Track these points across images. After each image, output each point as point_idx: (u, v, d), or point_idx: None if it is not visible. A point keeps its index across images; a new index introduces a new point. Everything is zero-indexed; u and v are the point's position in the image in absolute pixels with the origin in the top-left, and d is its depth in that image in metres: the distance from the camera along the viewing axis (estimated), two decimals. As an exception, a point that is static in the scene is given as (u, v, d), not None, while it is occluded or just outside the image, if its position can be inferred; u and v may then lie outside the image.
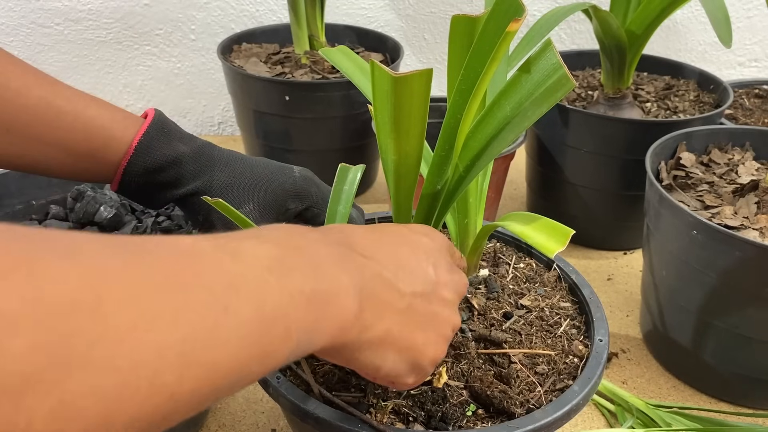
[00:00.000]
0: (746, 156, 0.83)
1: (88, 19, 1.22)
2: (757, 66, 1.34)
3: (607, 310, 0.86)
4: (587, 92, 1.01)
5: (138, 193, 0.53)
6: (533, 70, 0.41)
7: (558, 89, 0.39)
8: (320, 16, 1.06)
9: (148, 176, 0.51)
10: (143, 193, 0.53)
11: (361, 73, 0.57)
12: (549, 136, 0.96)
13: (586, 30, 1.28)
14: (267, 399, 0.70)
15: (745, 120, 1.04)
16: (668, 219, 0.69)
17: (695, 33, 1.29)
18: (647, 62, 1.06)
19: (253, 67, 1.04)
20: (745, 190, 0.74)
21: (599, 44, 0.92)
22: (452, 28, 0.43)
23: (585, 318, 0.55)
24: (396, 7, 1.28)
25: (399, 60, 1.06)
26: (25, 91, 0.48)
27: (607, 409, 0.71)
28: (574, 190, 0.96)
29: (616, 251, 0.99)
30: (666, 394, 0.74)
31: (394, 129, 0.41)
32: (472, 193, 0.52)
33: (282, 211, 0.55)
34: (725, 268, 0.64)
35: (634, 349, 0.80)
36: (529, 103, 0.41)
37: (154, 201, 0.54)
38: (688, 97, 1.00)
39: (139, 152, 0.51)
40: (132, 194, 0.53)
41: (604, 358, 0.50)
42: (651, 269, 0.76)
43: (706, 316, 0.69)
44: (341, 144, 1.05)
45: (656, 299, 0.76)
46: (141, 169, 0.51)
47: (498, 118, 0.43)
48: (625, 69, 0.92)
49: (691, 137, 0.83)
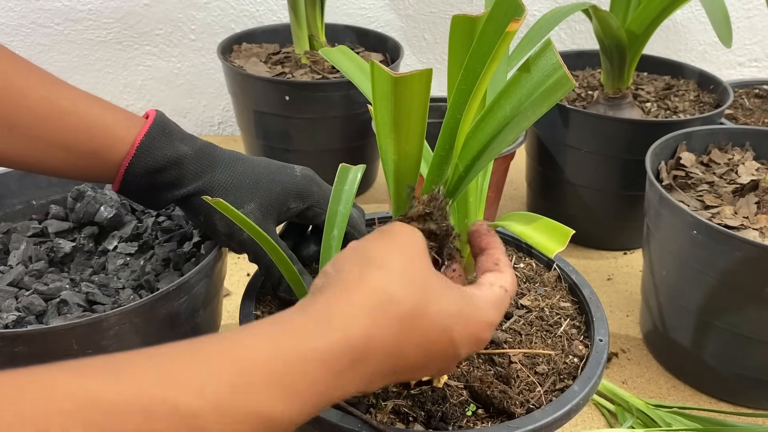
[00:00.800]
0: (746, 156, 0.82)
1: (88, 19, 1.22)
2: (757, 66, 1.33)
3: (607, 310, 0.86)
4: (587, 92, 1.01)
5: (139, 194, 0.53)
6: (533, 70, 0.41)
7: (558, 89, 0.39)
8: (320, 16, 1.06)
9: (149, 177, 0.51)
10: (144, 194, 0.53)
11: (361, 73, 0.57)
12: (549, 136, 0.95)
13: (586, 30, 1.28)
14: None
15: (745, 120, 1.04)
16: (668, 219, 0.69)
17: (695, 33, 1.29)
18: (647, 62, 1.06)
19: (253, 67, 1.04)
20: (745, 190, 0.74)
21: (599, 44, 0.92)
22: (452, 28, 0.42)
23: (585, 318, 0.55)
24: (396, 7, 1.28)
25: (399, 60, 1.06)
26: (28, 91, 0.48)
27: (607, 409, 0.71)
28: (574, 190, 0.96)
29: (616, 251, 0.99)
30: (666, 394, 0.74)
31: (394, 129, 0.41)
32: (472, 193, 0.52)
33: (283, 211, 0.55)
34: (725, 268, 0.64)
35: (634, 349, 0.80)
36: (528, 103, 0.41)
37: (155, 201, 0.54)
38: (688, 97, 1.00)
39: (141, 153, 0.51)
40: (133, 195, 0.53)
41: (604, 358, 0.50)
42: (651, 269, 0.76)
43: (706, 316, 0.69)
44: (341, 144, 1.05)
45: (656, 299, 0.76)
46: (142, 169, 0.51)
47: (498, 118, 0.43)
48: (625, 69, 0.92)
49: (691, 137, 0.83)
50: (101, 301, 0.56)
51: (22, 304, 0.54)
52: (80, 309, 0.55)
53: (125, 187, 0.52)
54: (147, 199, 0.54)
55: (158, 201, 0.54)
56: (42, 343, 0.48)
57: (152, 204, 0.55)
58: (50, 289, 0.56)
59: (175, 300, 0.53)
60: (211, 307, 0.60)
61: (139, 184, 0.52)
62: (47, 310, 0.55)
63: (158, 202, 0.54)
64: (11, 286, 0.57)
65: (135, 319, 0.50)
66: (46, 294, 0.56)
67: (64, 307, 0.55)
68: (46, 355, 0.49)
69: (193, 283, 0.54)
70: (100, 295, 0.56)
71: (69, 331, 0.48)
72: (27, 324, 0.53)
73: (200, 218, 0.54)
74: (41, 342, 0.48)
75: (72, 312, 0.55)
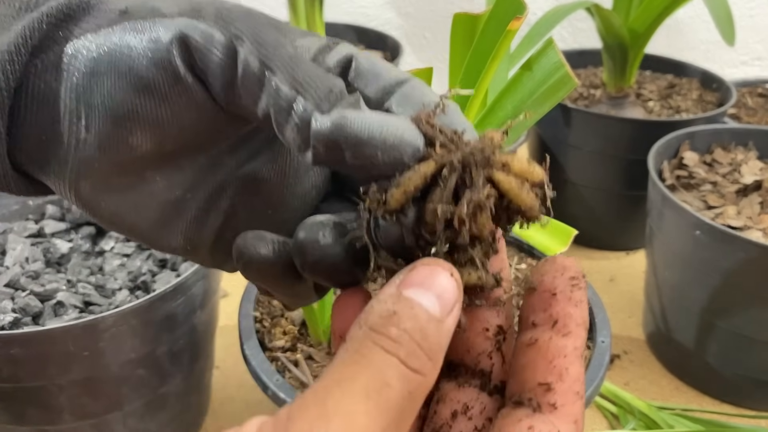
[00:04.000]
0: (749, 155, 0.82)
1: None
2: (760, 65, 1.33)
3: (610, 311, 0.85)
4: (589, 91, 1.00)
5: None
6: (535, 69, 0.40)
7: (560, 88, 0.39)
8: (319, 14, 1.06)
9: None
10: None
11: (361, 72, 0.57)
12: (551, 136, 0.95)
13: (588, 28, 1.28)
14: (266, 401, 0.69)
15: (749, 119, 1.03)
16: (671, 219, 0.69)
17: (698, 31, 1.29)
18: (650, 61, 1.05)
19: (253, 66, 1.04)
20: (748, 190, 0.74)
21: (602, 42, 0.91)
22: (453, 27, 0.42)
23: (587, 319, 0.55)
24: (396, 5, 1.27)
25: (399, 58, 1.06)
26: None
27: (609, 411, 0.71)
28: (575, 189, 0.95)
29: (619, 251, 0.98)
30: (669, 396, 0.74)
31: (394, 128, 0.40)
32: (472, 194, 0.51)
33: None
34: (728, 268, 0.64)
35: (637, 350, 0.80)
36: (530, 102, 0.40)
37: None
38: (691, 96, 0.99)
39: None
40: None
41: (606, 360, 0.49)
42: (654, 270, 0.76)
43: (709, 317, 0.69)
44: (341, 143, 1.04)
45: (659, 300, 0.75)
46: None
47: (499, 117, 0.42)
48: (628, 67, 0.92)
49: (694, 137, 0.82)
50: (98, 302, 0.55)
51: (19, 306, 0.54)
52: (77, 310, 0.55)
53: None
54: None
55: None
56: (38, 344, 0.48)
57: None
58: (47, 290, 0.55)
59: (172, 301, 0.52)
60: (209, 308, 0.59)
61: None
62: (44, 311, 0.54)
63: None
64: (7, 287, 0.56)
65: (132, 320, 0.50)
66: (42, 295, 0.55)
67: (61, 309, 0.55)
68: (43, 357, 0.48)
69: (190, 284, 0.54)
70: (97, 297, 0.56)
71: (65, 332, 0.47)
72: (23, 325, 0.53)
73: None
74: (37, 344, 0.47)
75: (68, 313, 0.54)
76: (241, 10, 0.24)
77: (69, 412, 0.52)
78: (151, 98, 0.23)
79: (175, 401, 0.59)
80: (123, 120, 0.23)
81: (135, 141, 0.24)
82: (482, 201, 0.21)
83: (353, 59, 0.24)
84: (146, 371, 0.54)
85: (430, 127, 0.22)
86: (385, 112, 0.23)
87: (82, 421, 0.53)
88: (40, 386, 0.50)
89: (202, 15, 0.23)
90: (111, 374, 0.52)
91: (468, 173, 0.21)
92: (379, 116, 0.21)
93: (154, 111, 0.23)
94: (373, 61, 0.24)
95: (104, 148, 0.24)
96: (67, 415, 0.52)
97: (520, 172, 0.22)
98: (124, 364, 0.52)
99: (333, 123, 0.21)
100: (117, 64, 0.23)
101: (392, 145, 0.21)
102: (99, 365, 0.50)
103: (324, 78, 0.22)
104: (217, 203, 0.27)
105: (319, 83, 0.22)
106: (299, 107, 0.22)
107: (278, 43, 0.23)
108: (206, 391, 0.66)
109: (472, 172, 0.21)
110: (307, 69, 0.22)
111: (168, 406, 0.58)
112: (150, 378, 0.54)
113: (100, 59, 0.23)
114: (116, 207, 0.25)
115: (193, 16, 0.23)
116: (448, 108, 0.23)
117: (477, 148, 0.21)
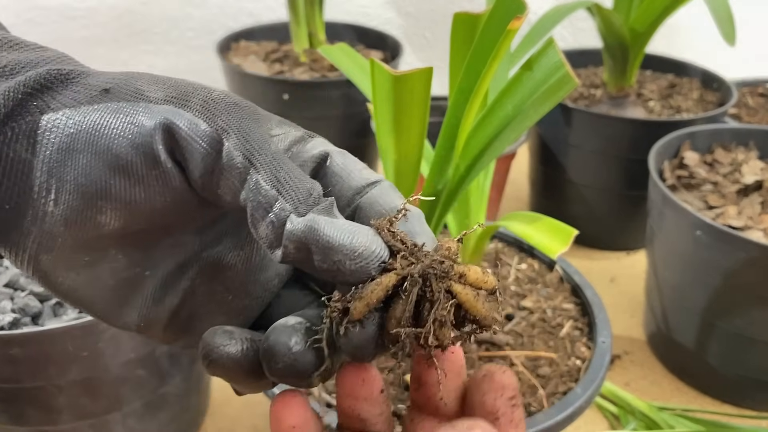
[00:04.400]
0: (750, 155, 0.82)
1: (84, 17, 1.21)
2: (761, 65, 1.33)
3: (610, 311, 0.85)
4: (590, 91, 1.00)
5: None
6: (535, 69, 0.40)
7: (560, 88, 0.39)
8: (319, 13, 1.06)
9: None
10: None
11: (361, 72, 0.57)
12: (551, 135, 0.95)
13: (588, 28, 1.28)
14: (266, 401, 0.69)
15: (749, 119, 1.03)
16: (672, 219, 0.69)
17: (699, 31, 1.28)
18: (650, 60, 1.05)
19: (252, 66, 1.04)
20: (749, 190, 0.74)
21: (602, 42, 0.91)
22: (453, 26, 0.42)
23: (588, 320, 0.55)
24: (396, 5, 1.27)
25: (399, 58, 1.05)
26: None
27: (610, 412, 0.70)
28: (576, 189, 0.95)
29: (619, 251, 0.98)
30: (669, 396, 0.74)
31: (394, 128, 0.40)
32: (473, 193, 0.51)
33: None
34: (729, 268, 0.64)
35: (638, 350, 0.80)
36: (531, 102, 0.40)
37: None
38: (692, 96, 0.99)
39: None
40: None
41: (607, 360, 0.49)
42: (654, 270, 0.75)
43: (710, 317, 0.68)
44: (340, 143, 1.02)
45: (660, 300, 0.75)
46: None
47: (499, 117, 0.42)
48: (628, 67, 0.92)
49: (694, 136, 0.82)
50: (97, 303, 0.55)
51: (18, 306, 0.54)
52: (76, 310, 0.54)
53: None
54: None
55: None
56: (37, 345, 0.47)
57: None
58: (46, 291, 0.55)
59: (171, 301, 0.52)
60: (209, 309, 0.59)
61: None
62: (43, 311, 0.54)
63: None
64: (7, 287, 0.56)
65: (131, 321, 0.50)
66: (41, 295, 0.55)
67: (60, 309, 0.54)
68: (42, 358, 0.48)
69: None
70: (96, 297, 0.56)
71: (65, 333, 0.47)
72: (23, 325, 0.53)
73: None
74: (37, 344, 0.47)
75: (68, 313, 0.54)
76: (229, 101, 0.24)
77: (68, 412, 0.52)
78: (127, 179, 0.23)
79: (174, 402, 0.58)
80: (94, 198, 0.23)
81: (104, 219, 0.24)
82: (445, 317, 0.22)
83: (328, 157, 0.25)
84: (146, 372, 0.54)
85: (391, 235, 0.23)
86: (355, 223, 0.23)
87: (81, 421, 0.53)
88: (40, 386, 0.50)
89: (189, 103, 0.23)
90: (110, 375, 0.51)
91: (429, 286, 0.22)
92: (350, 226, 0.22)
93: (128, 192, 0.23)
94: (346, 160, 0.26)
95: (71, 224, 0.23)
96: (66, 415, 0.52)
97: (476, 282, 0.23)
98: (123, 365, 0.52)
99: (306, 226, 0.22)
100: (95, 143, 0.23)
101: (360, 254, 0.22)
102: (98, 365, 0.50)
103: (304, 180, 0.23)
104: (176, 283, 0.27)
105: (300, 185, 0.23)
106: (277, 207, 0.22)
107: (263, 140, 0.23)
108: (206, 391, 0.66)
109: (433, 286, 0.22)
110: (289, 170, 0.23)
111: (167, 406, 0.58)
112: (149, 378, 0.54)
113: (78, 136, 0.23)
114: (74, 282, 0.25)
115: (180, 104, 0.23)
116: (410, 214, 0.24)
117: (436, 261, 0.22)
